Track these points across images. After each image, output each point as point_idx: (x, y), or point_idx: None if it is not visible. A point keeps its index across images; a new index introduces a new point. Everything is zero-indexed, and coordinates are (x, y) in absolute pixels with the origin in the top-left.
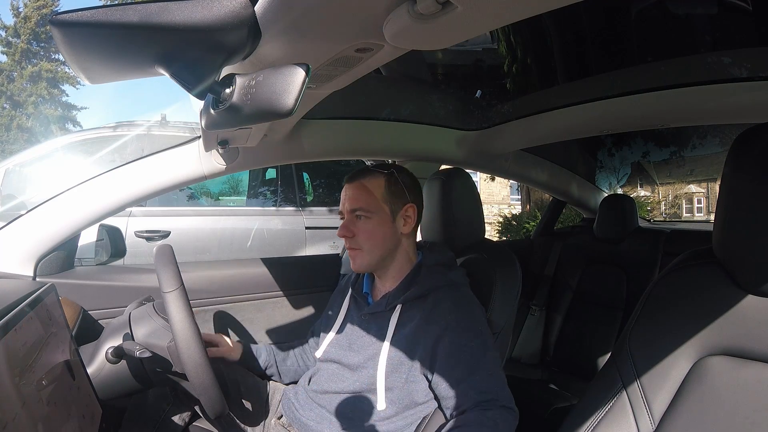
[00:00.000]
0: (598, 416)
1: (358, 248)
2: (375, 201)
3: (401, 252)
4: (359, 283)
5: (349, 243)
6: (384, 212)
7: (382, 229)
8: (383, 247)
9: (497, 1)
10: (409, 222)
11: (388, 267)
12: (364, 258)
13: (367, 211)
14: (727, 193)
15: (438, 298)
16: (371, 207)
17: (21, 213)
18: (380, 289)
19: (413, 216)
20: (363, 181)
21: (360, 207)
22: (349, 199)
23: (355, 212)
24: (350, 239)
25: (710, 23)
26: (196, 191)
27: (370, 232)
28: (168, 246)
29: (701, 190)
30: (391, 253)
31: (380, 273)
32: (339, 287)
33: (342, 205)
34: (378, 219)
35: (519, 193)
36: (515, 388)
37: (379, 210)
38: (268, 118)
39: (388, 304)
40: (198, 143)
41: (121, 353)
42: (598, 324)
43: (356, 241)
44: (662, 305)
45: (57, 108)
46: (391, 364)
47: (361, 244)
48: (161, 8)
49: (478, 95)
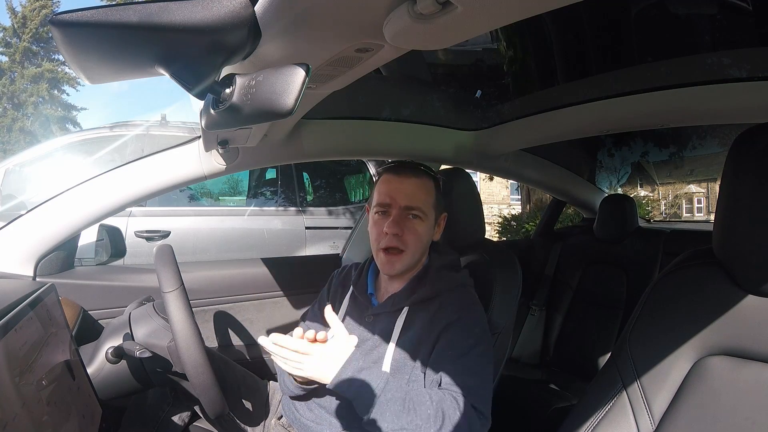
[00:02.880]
0: (598, 416)
1: (402, 249)
2: (429, 203)
3: (424, 257)
4: (361, 282)
5: (394, 243)
6: (431, 217)
7: (428, 234)
8: (422, 252)
9: (497, 1)
10: (440, 231)
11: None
12: (406, 260)
13: (423, 213)
14: (727, 193)
15: (444, 300)
16: (426, 209)
17: (21, 213)
18: (387, 290)
19: (443, 225)
20: (418, 179)
21: (418, 206)
22: (407, 196)
23: (411, 210)
24: (396, 238)
25: (710, 23)
26: (196, 191)
27: (420, 234)
28: (168, 246)
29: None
30: (421, 258)
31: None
32: (334, 284)
33: (391, 199)
34: (428, 222)
35: (519, 193)
36: (515, 388)
37: (430, 213)
38: (268, 118)
39: (395, 305)
40: (198, 143)
41: (121, 353)
42: (598, 324)
43: (403, 241)
44: (662, 305)
45: (57, 108)
46: (396, 366)
47: (407, 245)
48: (161, 8)
49: (478, 95)
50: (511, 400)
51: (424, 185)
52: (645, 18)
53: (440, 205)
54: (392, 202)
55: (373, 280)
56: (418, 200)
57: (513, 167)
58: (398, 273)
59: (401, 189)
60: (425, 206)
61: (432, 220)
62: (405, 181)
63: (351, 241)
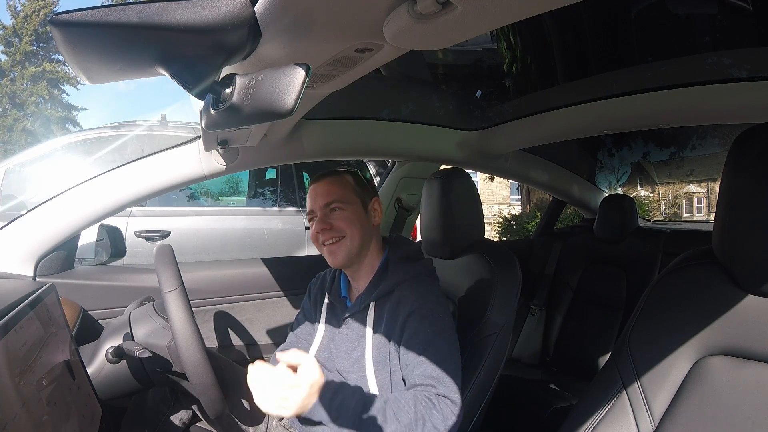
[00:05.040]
0: (598, 416)
1: (339, 237)
2: (348, 192)
3: (373, 246)
4: (335, 288)
5: (328, 235)
6: (357, 203)
7: (359, 217)
8: (362, 235)
9: (497, 1)
10: (378, 215)
11: (363, 262)
12: (346, 245)
13: (342, 202)
14: (727, 193)
15: (402, 292)
16: (345, 198)
17: (21, 213)
18: (356, 290)
19: (380, 210)
20: (329, 179)
21: (335, 198)
22: (321, 195)
23: (330, 205)
24: (328, 231)
25: (710, 23)
26: (196, 191)
27: (348, 219)
28: (168, 246)
29: (701, 190)
30: (366, 245)
31: (355, 270)
32: (313, 292)
33: (313, 203)
34: (353, 209)
35: (519, 193)
36: (515, 388)
37: (352, 201)
38: (268, 118)
39: (362, 303)
40: (198, 143)
41: (121, 353)
42: (598, 324)
43: (336, 231)
44: (662, 305)
45: (57, 108)
46: (377, 362)
47: (342, 230)
48: (161, 8)
49: (478, 95)
50: (511, 400)
51: (336, 181)
52: (645, 18)
53: (365, 191)
54: (314, 206)
55: (346, 284)
56: (334, 193)
57: (513, 167)
58: (345, 261)
59: (317, 193)
60: (342, 196)
61: (358, 206)
62: (318, 186)
63: None
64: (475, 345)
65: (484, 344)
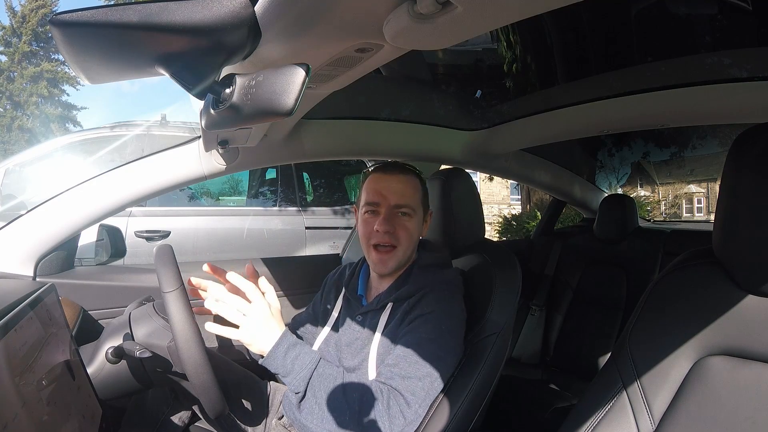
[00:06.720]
0: (598, 416)
1: (395, 246)
2: (417, 200)
3: (411, 253)
4: (353, 283)
5: (387, 239)
6: (420, 213)
7: (417, 230)
8: (413, 249)
9: (497, 1)
10: (426, 228)
11: (401, 269)
12: (398, 256)
13: (412, 209)
14: (727, 193)
15: (422, 296)
16: (415, 205)
17: (21, 213)
18: (376, 289)
19: (429, 222)
20: (405, 177)
21: (407, 204)
22: (395, 194)
23: (400, 208)
24: (389, 234)
25: (710, 23)
26: (196, 191)
27: (410, 230)
28: (168, 246)
29: (701, 190)
30: (411, 255)
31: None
32: (327, 285)
33: (381, 198)
34: (417, 219)
35: (519, 193)
36: (515, 388)
37: (418, 210)
38: (268, 118)
39: (380, 302)
40: (198, 143)
41: (121, 353)
42: (598, 324)
43: (395, 238)
44: (662, 305)
45: (57, 108)
46: (380, 360)
47: (400, 240)
48: (161, 8)
49: (478, 95)
50: (511, 400)
51: (411, 182)
52: (645, 18)
53: (426, 201)
54: (382, 201)
55: (364, 281)
56: (407, 197)
57: (513, 167)
58: (391, 271)
59: (390, 187)
60: (414, 203)
61: (420, 217)
62: (393, 179)
63: (351, 241)
64: (475, 345)
65: (484, 344)
